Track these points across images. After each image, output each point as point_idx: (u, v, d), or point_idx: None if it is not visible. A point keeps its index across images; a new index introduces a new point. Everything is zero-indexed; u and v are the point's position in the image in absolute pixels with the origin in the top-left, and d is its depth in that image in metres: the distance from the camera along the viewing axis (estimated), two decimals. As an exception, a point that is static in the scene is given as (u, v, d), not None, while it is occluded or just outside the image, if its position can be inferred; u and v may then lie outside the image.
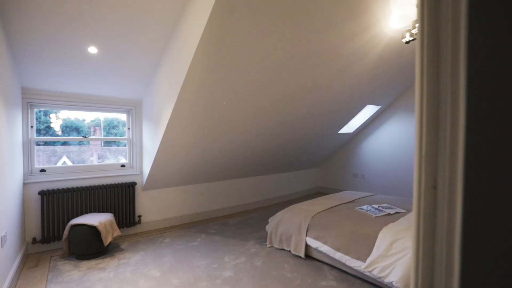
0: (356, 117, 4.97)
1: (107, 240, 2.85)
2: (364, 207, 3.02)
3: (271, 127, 3.87)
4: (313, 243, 2.70)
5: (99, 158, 4.58)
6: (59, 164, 4.06)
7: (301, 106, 3.74)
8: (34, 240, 2.94)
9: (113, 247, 3.15)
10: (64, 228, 3.01)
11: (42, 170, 3.06)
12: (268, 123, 3.76)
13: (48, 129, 3.79)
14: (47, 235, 2.97)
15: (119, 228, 3.44)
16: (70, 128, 4.21)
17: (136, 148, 3.69)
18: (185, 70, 2.45)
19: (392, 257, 2.03)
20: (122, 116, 3.75)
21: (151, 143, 3.39)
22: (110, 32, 2.48)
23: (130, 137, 3.69)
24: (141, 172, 3.70)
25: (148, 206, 3.79)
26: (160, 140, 3.07)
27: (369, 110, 4.90)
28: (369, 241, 2.27)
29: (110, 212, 3.38)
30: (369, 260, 2.14)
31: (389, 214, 2.76)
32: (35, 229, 2.98)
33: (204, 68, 2.49)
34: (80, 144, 4.44)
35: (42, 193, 2.94)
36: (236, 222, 4.08)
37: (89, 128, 4.37)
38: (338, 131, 5.01)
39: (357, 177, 5.55)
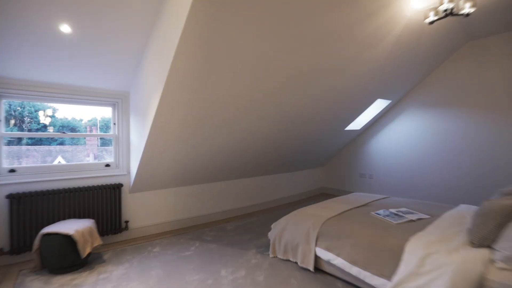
0: (364, 112, 4.60)
1: (85, 251, 2.46)
2: (381, 212, 2.65)
3: (272, 122, 3.49)
4: (324, 254, 2.32)
5: (95, 158, 4.28)
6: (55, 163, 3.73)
7: (305, 99, 3.37)
8: (1, 251, 2.54)
9: (94, 258, 2.76)
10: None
11: (12, 171, 2.67)
12: (268, 118, 3.38)
13: (44, 129, 3.48)
14: (16, 245, 2.57)
15: (103, 235, 3.06)
16: (67, 128, 3.91)
17: (122, 145, 3.30)
18: (170, 56, 2.08)
19: (426, 275, 1.66)
20: (107, 110, 3.35)
21: (138, 140, 3.00)
22: (86, 8, 2.10)
23: (116, 133, 3.30)
24: (128, 173, 3.31)
25: (136, 211, 3.40)
26: (147, 136, 2.69)
27: (379, 105, 4.53)
28: (394, 254, 1.90)
29: (92, 218, 2.98)
30: (396, 279, 1.76)
31: (411, 221, 2.38)
32: (2, 238, 2.58)
33: (191, 55, 2.11)
34: (76, 144, 4.16)
35: (10, 197, 2.54)
36: (234, 227, 3.70)
37: (86, 127, 4.04)
38: (345, 127, 4.63)
39: (364, 177, 5.18)
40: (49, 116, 3.40)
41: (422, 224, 2.27)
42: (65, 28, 2.22)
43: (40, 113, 3.40)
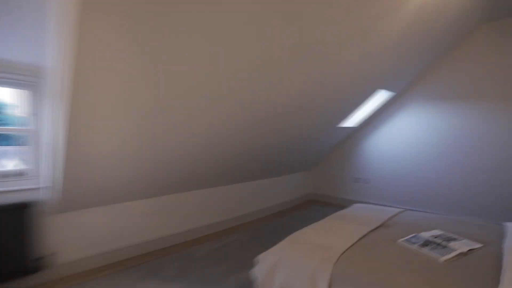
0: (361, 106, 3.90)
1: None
2: (412, 239, 1.90)
3: (247, 116, 2.66)
4: (341, 312, 1.52)
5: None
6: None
7: (291, 87, 2.57)
8: None
9: (-19, 322, 1.76)
10: None
11: None
12: (242, 111, 2.55)
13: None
14: None
15: (6, 280, 2.05)
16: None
17: (45, 145, 2.31)
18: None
19: None
20: (26, 94, 2.33)
21: (63, 136, 2.04)
22: None
23: (35, 128, 2.30)
24: (54, 185, 2.31)
25: (66, 238, 2.41)
26: (66, 129, 1.76)
27: (379, 98, 3.85)
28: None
29: (-13, 255, 1.97)
30: None
31: (462, 254, 1.65)
32: None
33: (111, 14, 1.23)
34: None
35: None
36: (206, 253, 2.81)
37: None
38: (338, 124, 3.91)
39: (359, 182, 4.49)
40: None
41: (482, 261, 1.54)
42: None
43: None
